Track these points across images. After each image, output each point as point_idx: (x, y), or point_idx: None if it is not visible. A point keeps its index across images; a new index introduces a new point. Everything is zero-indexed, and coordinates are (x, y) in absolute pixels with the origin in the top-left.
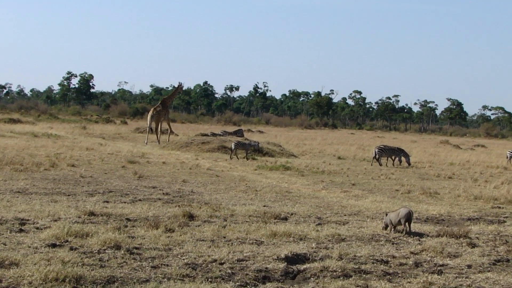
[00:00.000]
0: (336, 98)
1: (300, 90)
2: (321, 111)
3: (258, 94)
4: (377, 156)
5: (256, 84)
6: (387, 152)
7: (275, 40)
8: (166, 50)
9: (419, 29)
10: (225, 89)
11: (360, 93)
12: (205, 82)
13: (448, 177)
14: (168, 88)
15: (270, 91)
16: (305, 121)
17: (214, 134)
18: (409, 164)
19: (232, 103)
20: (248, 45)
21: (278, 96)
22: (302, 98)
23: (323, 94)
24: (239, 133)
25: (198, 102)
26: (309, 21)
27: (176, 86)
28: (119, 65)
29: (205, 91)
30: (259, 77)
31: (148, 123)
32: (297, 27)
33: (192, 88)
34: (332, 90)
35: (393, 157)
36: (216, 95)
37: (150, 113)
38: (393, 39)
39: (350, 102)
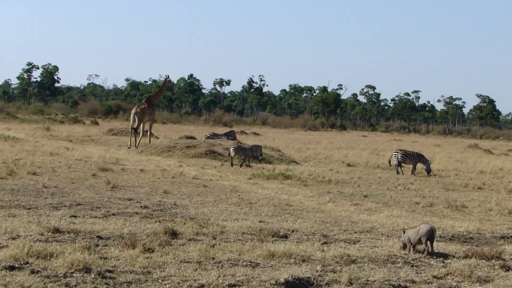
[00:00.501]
0: (345, 94)
1: (302, 85)
2: (327, 109)
3: (253, 90)
4: (399, 162)
5: (250, 78)
6: (411, 157)
7: (272, 26)
8: (145, 38)
9: (442, 14)
10: (214, 84)
11: (373, 88)
12: (191, 76)
13: (477, 187)
14: (147, 82)
15: (267, 86)
16: (308, 121)
17: (215, 135)
18: (429, 172)
19: (222, 100)
20: (241, 31)
21: (276, 92)
22: (305, 94)
23: (329, 89)
24: (230, 135)
25: (182, 99)
26: (312, 4)
27: (163, 80)
28: (89, 55)
29: (191, 86)
30: (254, 69)
31: (131, 122)
32: (299, 11)
33: (175, 82)
34: (341, 85)
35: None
36: (204, 91)
37: (134, 111)
38: (413, 26)
39: (361, 99)
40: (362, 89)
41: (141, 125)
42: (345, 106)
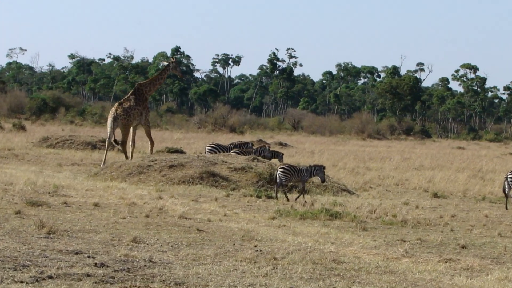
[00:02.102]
0: (428, 80)
1: (358, 65)
2: (399, 104)
3: (277, 72)
4: None
5: (273, 53)
6: None
7: None
8: None
9: None
10: (214, 63)
11: (474, 69)
12: (176, 50)
13: None
14: (104, 61)
15: (301, 66)
16: (369, 124)
17: (221, 148)
18: None
19: (227, 89)
20: None
21: (316, 77)
22: (362, 80)
23: (402, 71)
24: (263, 152)
25: (162, 87)
26: None
27: (164, 64)
28: (9, 20)
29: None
30: (278, 39)
31: (108, 131)
32: None
33: (150, 60)
34: (421, 64)
35: None
36: (197, 74)
37: (112, 112)
38: None
39: (455, 86)
40: (457, 71)
41: (129, 131)
42: (428, 98)
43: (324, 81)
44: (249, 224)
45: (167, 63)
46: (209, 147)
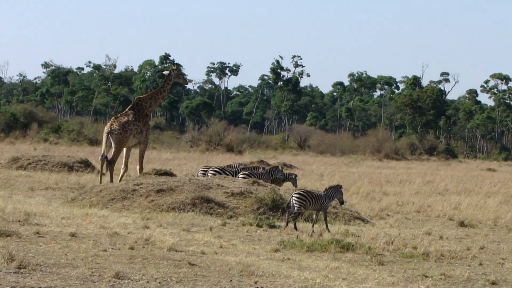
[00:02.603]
0: (454, 92)
1: (373, 75)
2: (421, 119)
3: (281, 83)
4: None
5: (276, 61)
6: None
7: None
8: None
9: None
10: (208, 72)
11: (507, 79)
12: (165, 57)
13: None
14: (82, 70)
15: (308, 75)
16: (386, 143)
17: (222, 171)
18: None
19: (224, 102)
20: None
21: (326, 88)
22: (379, 92)
23: (424, 82)
24: (276, 174)
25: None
26: None
27: (167, 71)
28: None
29: (164, 77)
30: (281, 47)
31: (103, 147)
32: None
33: (135, 70)
34: (446, 74)
35: None
36: (190, 86)
37: (107, 126)
38: None
39: (484, 99)
40: (486, 82)
41: (124, 152)
42: (454, 113)
43: (334, 93)
44: (248, 257)
45: (168, 72)
46: (212, 171)
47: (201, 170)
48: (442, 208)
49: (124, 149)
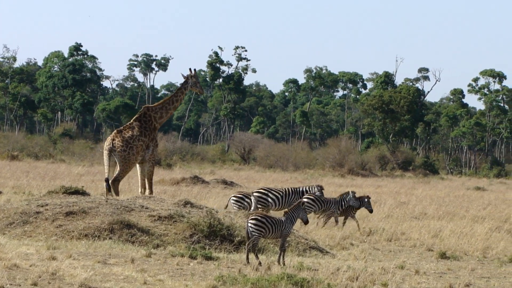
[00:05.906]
0: (435, 92)
1: (335, 71)
2: (393, 127)
3: (220, 81)
4: None
5: (215, 53)
6: None
7: None
8: None
9: None
10: (130, 67)
11: (500, 77)
12: (77, 48)
13: None
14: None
15: (254, 71)
16: (350, 155)
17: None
18: None
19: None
20: None
21: (275, 88)
22: (341, 92)
23: (398, 80)
24: (347, 200)
25: (56, 99)
26: None
27: (185, 76)
28: None
29: (75, 69)
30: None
31: (105, 166)
32: None
33: (39, 63)
34: (425, 70)
35: None
36: (107, 83)
37: (108, 143)
38: None
39: (473, 101)
40: (475, 80)
41: (138, 172)
42: (435, 118)
43: (286, 94)
44: None
45: (185, 79)
46: (257, 193)
47: (256, 193)
48: (419, 236)
49: (138, 168)
